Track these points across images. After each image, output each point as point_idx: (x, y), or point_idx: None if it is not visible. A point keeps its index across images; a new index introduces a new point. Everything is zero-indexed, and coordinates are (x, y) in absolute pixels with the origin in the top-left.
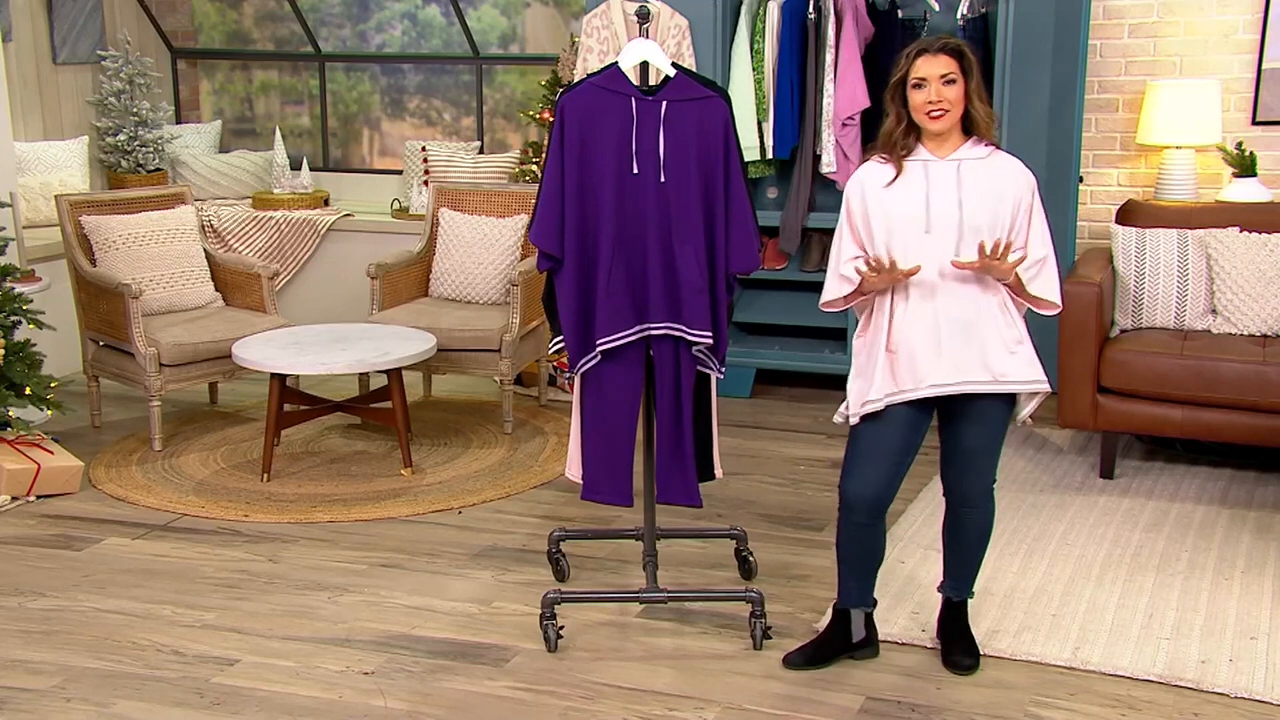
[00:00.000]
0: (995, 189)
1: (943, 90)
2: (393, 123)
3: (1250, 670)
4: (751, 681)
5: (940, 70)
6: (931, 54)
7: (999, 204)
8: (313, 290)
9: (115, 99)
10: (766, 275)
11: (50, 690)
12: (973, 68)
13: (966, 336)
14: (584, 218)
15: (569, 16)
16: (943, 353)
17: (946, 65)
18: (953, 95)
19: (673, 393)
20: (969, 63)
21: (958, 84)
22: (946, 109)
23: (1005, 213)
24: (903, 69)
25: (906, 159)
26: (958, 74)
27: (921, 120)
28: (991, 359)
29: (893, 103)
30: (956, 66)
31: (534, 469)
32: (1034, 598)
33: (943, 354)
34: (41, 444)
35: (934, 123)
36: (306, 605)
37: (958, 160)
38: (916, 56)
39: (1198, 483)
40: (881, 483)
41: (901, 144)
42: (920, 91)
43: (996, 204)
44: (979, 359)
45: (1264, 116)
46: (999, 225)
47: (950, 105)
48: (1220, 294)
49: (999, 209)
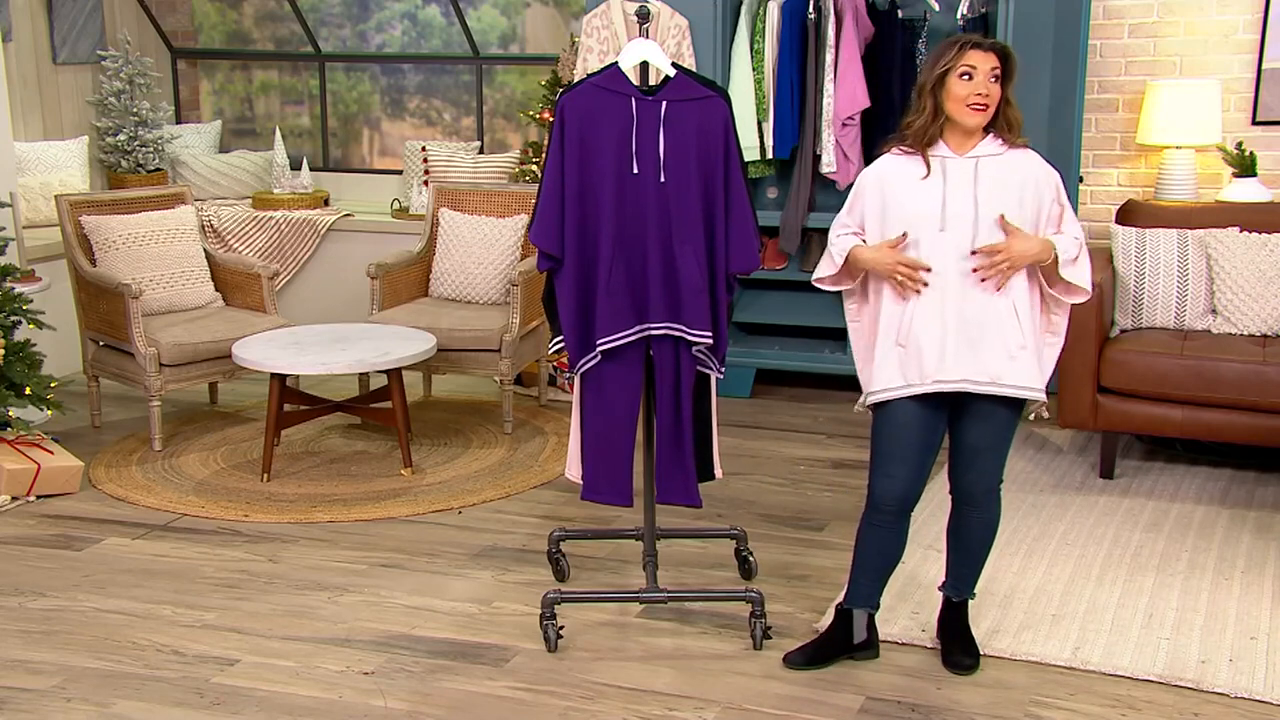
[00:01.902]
0: (1015, 182)
1: (990, 85)
2: (393, 123)
3: (1250, 670)
4: (751, 681)
5: (990, 65)
6: (983, 50)
7: (1020, 198)
8: (313, 290)
9: (115, 99)
10: (766, 275)
11: (50, 690)
12: (1013, 72)
13: (973, 336)
14: (584, 218)
15: (569, 16)
16: (947, 351)
17: (994, 62)
18: (996, 93)
19: (673, 393)
20: (1011, 65)
21: (998, 83)
22: (989, 104)
23: (1029, 208)
24: (949, 60)
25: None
26: (1001, 73)
27: (960, 113)
28: (992, 361)
29: (929, 95)
30: (1002, 66)
31: (534, 469)
32: (1034, 598)
33: (947, 352)
34: (41, 444)
35: (974, 115)
36: (306, 605)
37: (976, 157)
38: (968, 48)
39: (1198, 483)
40: (908, 480)
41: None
42: (968, 83)
43: (1018, 198)
44: (982, 360)
45: (1264, 116)
46: (1020, 220)
47: (992, 101)
48: (1220, 294)
49: (1021, 203)
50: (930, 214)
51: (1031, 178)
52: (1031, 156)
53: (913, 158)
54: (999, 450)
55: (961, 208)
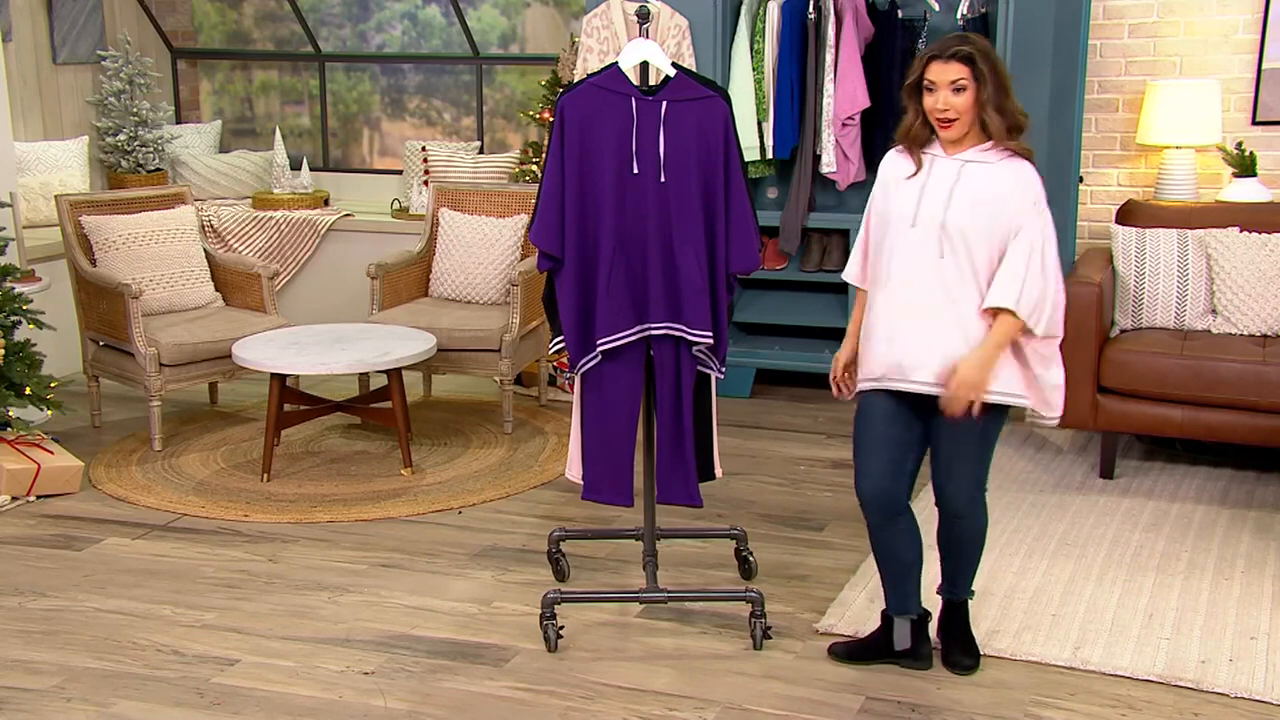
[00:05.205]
0: (993, 192)
1: (950, 99)
2: (393, 123)
3: (1250, 670)
4: (751, 681)
5: (950, 77)
6: (943, 60)
7: (993, 211)
8: (313, 290)
9: (115, 99)
10: (766, 275)
11: (50, 690)
12: (986, 75)
13: (927, 335)
14: (584, 218)
15: (569, 16)
16: (895, 347)
17: (957, 72)
18: (961, 103)
19: (673, 393)
20: (981, 70)
21: (968, 91)
22: (954, 117)
23: (1001, 223)
24: (916, 71)
25: (924, 152)
26: (969, 81)
27: (934, 124)
28: (940, 363)
29: (910, 100)
30: (968, 73)
31: (534, 469)
32: (1034, 598)
33: (895, 347)
34: (41, 444)
35: (943, 130)
36: (306, 605)
37: (962, 161)
38: (930, 60)
39: (1198, 483)
40: (881, 475)
41: (919, 137)
42: (930, 96)
43: (991, 211)
44: (932, 359)
45: (1264, 116)
46: (988, 234)
47: (959, 113)
48: (1220, 294)
49: (992, 217)
50: (906, 211)
51: (1011, 192)
52: (1020, 170)
53: (909, 155)
54: (972, 460)
55: (933, 209)
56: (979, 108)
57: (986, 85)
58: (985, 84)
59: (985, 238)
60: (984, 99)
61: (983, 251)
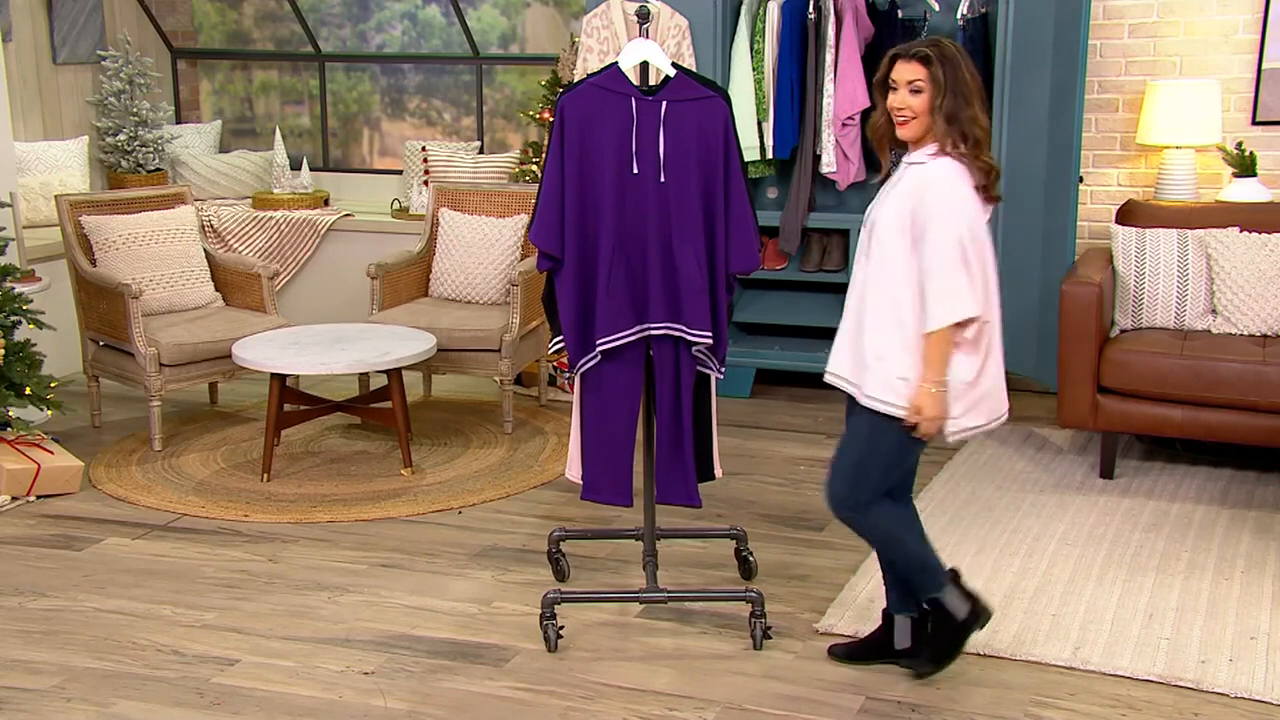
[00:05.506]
0: (906, 193)
1: (907, 98)
2: (393, 123)
3: (1250, 670)
4: (751, 681)
5: (909, 77)
6: (905, 60)
7: (902, 211)
8: (313, 290)
9: (115, 99)
10: (766, 275)
11: (50, 690)
12: (943, 80)
13: (855, 330)
14: (584, 218)
15: (569, 16)
16: (839, 343)
17: (914, 73)
18: (918, 104)
19: (673, 393)
20: (937, 74)
21: (924, 93)
22: (909, 117)
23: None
24: (883, 69)
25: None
26: (925, 83)
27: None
28: (851, 360)
29: (880, 96)
30: (925, 75)
31: (534, 469)
32: (1034, 598)
33: (838, 344)
34: (41, 444)
35: (899, 129)
36: (306, 605)
37: (908, 163)
38: (894, 59)
39: (1198, 483)
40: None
41: (886, 134)
42: (892, 95)
43: (901, 211)
44: (839, 354)
45: (1264, 116)
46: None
47: (915, 113)
48: (1220, 294)
49: (901, 217)
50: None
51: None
52: (934, 169)
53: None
54: (848, 464)
55: (877, 207)
56: (931, 111)
57: (943, 90)
58: (942, 89)
59: (893, 233)
60: (936, 103)
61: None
